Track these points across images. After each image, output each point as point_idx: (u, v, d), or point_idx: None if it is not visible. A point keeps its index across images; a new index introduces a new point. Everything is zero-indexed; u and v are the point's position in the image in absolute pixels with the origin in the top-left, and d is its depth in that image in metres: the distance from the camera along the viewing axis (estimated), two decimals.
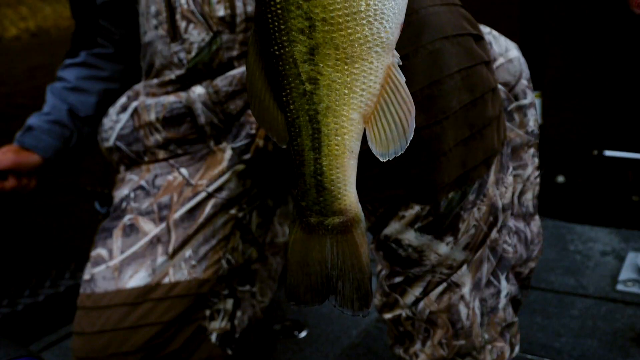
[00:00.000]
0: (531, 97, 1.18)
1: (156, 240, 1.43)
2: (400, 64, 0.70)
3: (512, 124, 1.18)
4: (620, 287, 1.87)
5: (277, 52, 0.70)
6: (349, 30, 0.67)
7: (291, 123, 0.73)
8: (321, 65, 0.69)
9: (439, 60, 1.00)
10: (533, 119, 1.20)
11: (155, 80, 1.50)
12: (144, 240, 1.44)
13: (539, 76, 2.93)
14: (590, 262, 2.04)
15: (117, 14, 1.63)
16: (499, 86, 1.14)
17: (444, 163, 1.02)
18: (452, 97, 1.01)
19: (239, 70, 1.43)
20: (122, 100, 1.54)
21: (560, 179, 2.93)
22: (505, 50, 1.17)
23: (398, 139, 0.70)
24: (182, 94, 1.45)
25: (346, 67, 0.69)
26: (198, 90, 1.44)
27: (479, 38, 1.08)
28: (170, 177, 1.48)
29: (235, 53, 1.42)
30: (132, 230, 1.46)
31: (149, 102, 1.48)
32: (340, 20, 0.66)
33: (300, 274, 0.81)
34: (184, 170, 1.48)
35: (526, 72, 1.18)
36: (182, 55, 1.43)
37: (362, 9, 0.66)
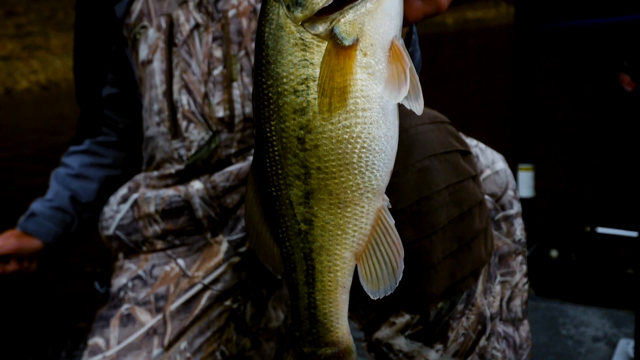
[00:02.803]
0: (517, 207, 1.23)
1: (152, 331, 1.45)
2: (390, 207, 0.75)
3: (499, 232, 1.22)
4: None
5: (274, 194, 0.75)
6: (342, 179, 0.71)
7: (286, 258, 0.77)
8: (316, 208, 0.73)
9: (427, 178, 1.05)
10: (520, 228, 1.24)
11: (155, 173, 1.54)
12: (141, 331, 1.46)
13: (532, 151, 2.99)
14: (582, 349, 2.05)
15: (122, 105, 1.69)
16: (486, 197, 1.18)
17: (432, 275, 1.06)
18: (440, 213, 1.05)
19: (236, 166, 1.47)
20: (123, 191, 1.59)
21: (554, 253, 2.95)
22: (491, 163, 1.22)
23: (388, 278, 0.74)
24: (181, 188, 1.50)
25: (339, 210, 0.73)
26: (196, 185, 1.48)
27: (466, 153, 1.13)
28: (167, 268, 1.52)
29: (233, 151, 1.47)
30: (129, 320, 1.48)
31: (149, 194, 1.53)
32: (334, 169, 0.71)
33: None
34: (181, 261, 1.51)
35: (512, 183, 1.23)
36: (182, 152, 1.48)
37: (355, 160, 0.71)
